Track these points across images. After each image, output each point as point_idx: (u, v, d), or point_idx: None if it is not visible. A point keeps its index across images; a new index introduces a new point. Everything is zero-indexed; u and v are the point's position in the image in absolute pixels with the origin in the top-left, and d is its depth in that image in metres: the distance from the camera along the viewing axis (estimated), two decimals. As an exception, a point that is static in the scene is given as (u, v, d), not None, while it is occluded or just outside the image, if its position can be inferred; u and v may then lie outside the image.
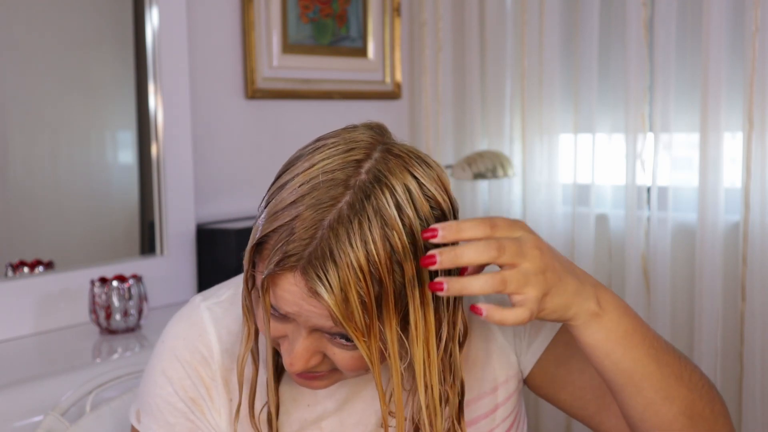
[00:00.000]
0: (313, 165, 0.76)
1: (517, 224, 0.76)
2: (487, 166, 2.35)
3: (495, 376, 0.96)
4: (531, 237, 0.76)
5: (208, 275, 2.06)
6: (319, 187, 0.74)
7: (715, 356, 2.12)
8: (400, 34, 2.65)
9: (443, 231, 0.72)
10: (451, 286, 0.72)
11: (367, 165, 0.75)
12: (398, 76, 2.66)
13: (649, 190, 2.24)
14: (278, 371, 0.90)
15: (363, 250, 0.72)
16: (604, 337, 0.79)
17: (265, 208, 0.78)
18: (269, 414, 0.89)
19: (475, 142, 2.59)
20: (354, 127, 0.81)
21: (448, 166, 2.50)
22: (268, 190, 0.80)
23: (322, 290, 0.72)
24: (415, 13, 2.67)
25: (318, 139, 0.80)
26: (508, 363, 0.96)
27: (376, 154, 0.77)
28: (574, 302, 0.77)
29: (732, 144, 2.14)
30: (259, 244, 0.77)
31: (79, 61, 1.96)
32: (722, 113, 2.08)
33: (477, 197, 2.58)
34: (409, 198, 0.75)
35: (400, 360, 0.78)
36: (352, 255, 0.72)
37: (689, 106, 2.19)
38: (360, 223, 0.72)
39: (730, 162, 2.14)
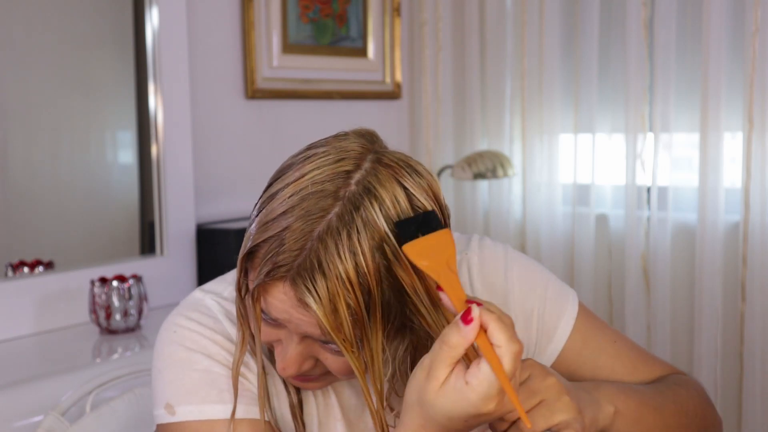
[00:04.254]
0: (304, 175, 0.76)
1: (526, 363, 0.80)
2: (487, 166, 2.35)
3: None
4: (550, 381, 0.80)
5: (208, 275, 2.05)
6: (308, 198, 0.75)
7: (715, 356, 2.12)
8: (400, 34, 2.65)
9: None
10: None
11: (357, 176, 0.76)
12: (398, 76, 2.65)
13: (649, 190, 2.24)
14: None
15: (352, 262, 0.72)
16: (625, 427, 0.90)
17: (257, 216, 0.79)
18: (291, 407, 0.89)
19: (475, 142, 2.59)
20: (345, 135, 0.81)
21: (448, 166, 2.50)
22: (260, 198, 0.80)
23: (311, 301, 0.73)
24: (415, 13, 2.67)
25: (308, 147, 0.80)
26: None
27: (366, 164, 0.77)
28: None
29: (732, 144, 2.14)
30: (250, 253, 0.78)
31: (79, 61, 1.96)
32: (722, 113, 2.08)
33: (477, 197, 2.58)
34: (398, 208, 0.75)
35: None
36: (341, 266, 0.72)
37: (689, 106, 2.19)
38: (349, 235, 0.73)
39: (730, 162, 2.14)
